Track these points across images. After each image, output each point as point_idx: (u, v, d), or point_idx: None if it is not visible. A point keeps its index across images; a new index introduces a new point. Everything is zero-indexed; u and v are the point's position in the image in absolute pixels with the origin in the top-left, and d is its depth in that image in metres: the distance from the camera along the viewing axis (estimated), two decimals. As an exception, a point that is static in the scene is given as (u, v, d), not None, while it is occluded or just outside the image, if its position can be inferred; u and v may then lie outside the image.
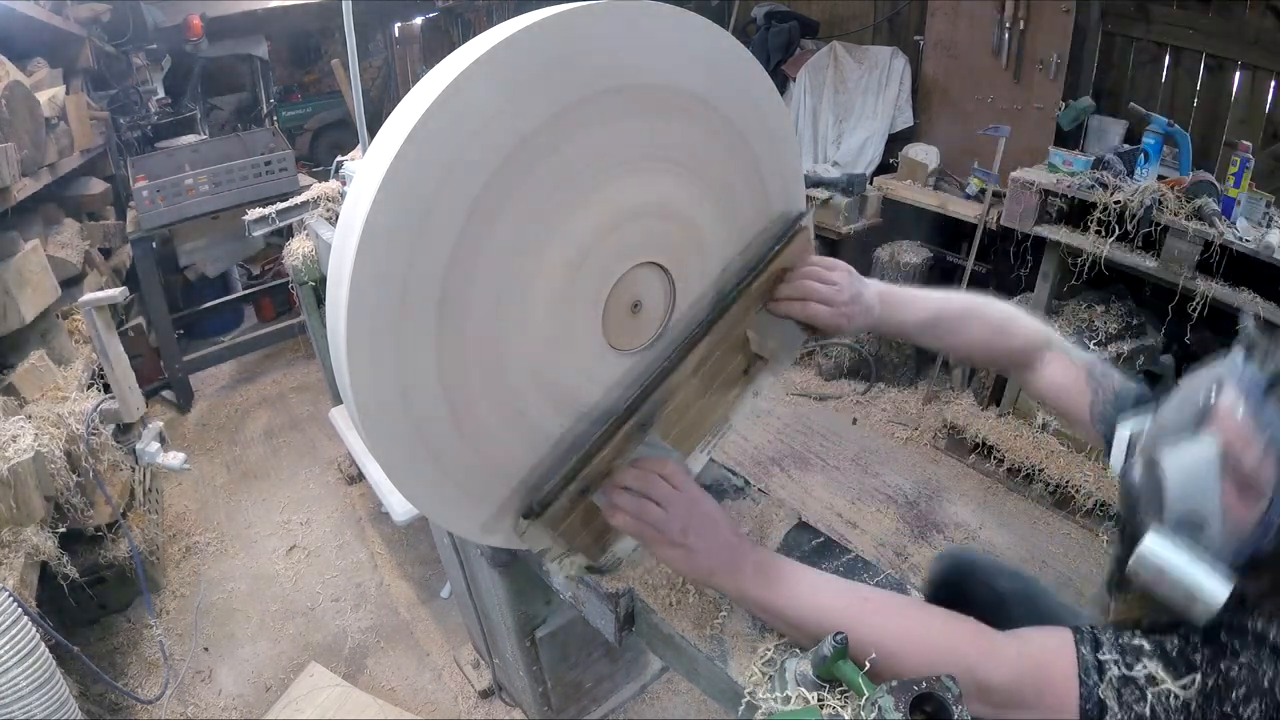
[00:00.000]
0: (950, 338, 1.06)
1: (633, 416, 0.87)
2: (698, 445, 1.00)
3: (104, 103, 3.63)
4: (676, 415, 0.94)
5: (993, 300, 1.07)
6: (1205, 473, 0.69)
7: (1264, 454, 0.66)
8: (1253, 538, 0.68)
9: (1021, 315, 1.06)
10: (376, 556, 2.52)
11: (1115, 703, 0.67)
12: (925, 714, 0.62)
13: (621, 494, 0.83)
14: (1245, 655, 0.66)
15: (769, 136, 0.94)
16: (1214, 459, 0.69)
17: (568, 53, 0.71)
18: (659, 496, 0.82)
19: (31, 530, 1.64)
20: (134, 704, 1.97)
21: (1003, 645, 0.73)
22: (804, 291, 0.97)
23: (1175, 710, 0.65)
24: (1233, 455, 0.68)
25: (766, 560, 0.83)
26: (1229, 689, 0.65)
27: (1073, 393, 1.01)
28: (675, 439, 0.94)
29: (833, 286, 0.97)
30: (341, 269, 0.66)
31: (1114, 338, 2.58)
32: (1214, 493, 0.69)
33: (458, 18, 5.75)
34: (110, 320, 2.04)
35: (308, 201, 2.23)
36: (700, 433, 1.00)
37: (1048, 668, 0.70)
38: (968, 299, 1.06)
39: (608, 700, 1.91)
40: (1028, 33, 2.85)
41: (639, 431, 0.89)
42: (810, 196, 3.16)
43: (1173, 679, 0.66)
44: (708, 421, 1.00)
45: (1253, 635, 0.67)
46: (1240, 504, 0.68)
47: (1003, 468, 2.67)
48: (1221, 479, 0.69)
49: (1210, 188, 2.19)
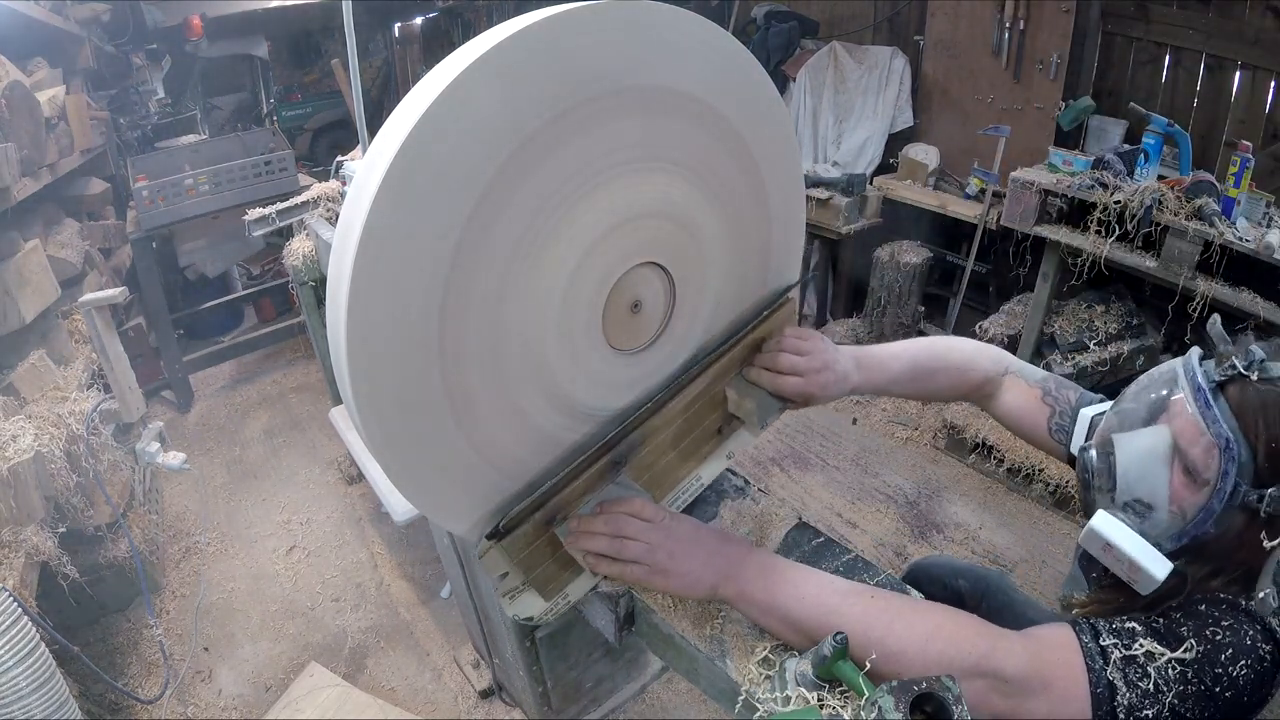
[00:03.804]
0: (923, 387, 1.11)
1: (607, 453, 0.85)
2: (666, 497, 1.00)
3: (104, 103, 3.63)
4: (649, 460, 0.94)
5: (953, 340, 1.13)
6: (1156, 460, 0.76)
7: (1208, 448, 0.72)
8: (1195, 522, 0.74)
9: (980, 349, 1.12)
10: (376, 556, 2.52)
11: (1123, 683, 0.70)
12: (925, 714, 0.62)
13: (595, 539, 0.83)
14: (1227, 620, 0.72)
15: (769, 138, 0.93)
16: (1165, 448, 0.76)
17: (568, 53, 0.70)
18: (633, 533, 0.82)
19: (31, 530, 1.64)
20: (134, 704, 1.97)
21: (1010, 637, 0.74)
22: (773, 363, 0.99)
23: (1175, 680, 0.69)
24: (1182, 446, 0.74)
25: (767, 561, 0.83)
26: (1218, 651, 0.70)
27: (1030, 413, 1.07)
28: (644, 486, 0.94)
29: (803, 357, 0.98)
30: (341, 269, 0.66)
31: (1114, 338, 2.58)
32: (1162, 479, 0.76)
33: (458, 18, 5.76)
34: (110, 320, 2.04)
35: (308, 201, 2.24)
36: (669, 483, 1.00)
37: (1055, 656, 0.72)
38: (931, 345, 1.11)
39: (608, 700, 1.91)
40: (1028, 33, 2.85)
41: (612, 469, 0.88)
42: (810, 196, 3.16)
43: (1170, 652, 0.70)
44: (678, 474, 1.00)
45: (1227, 603, 0.73)
46: (1186, 491, 0.74)
47: (1003, 468, 2.67)
48: (1170, 467, 0.76)
49: (1210, 188, 2.19)
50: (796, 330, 1.04)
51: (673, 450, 0.97)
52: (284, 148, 3.41)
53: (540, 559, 0.86)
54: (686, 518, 0.88)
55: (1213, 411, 0.72)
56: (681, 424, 0.96)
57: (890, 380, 1.07)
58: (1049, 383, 1.08)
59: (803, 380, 0.97)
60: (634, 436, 0.89)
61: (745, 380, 1.01)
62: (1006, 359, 1.12)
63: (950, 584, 1.29)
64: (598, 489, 0.87)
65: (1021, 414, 1.08)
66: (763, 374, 0.99)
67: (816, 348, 1.00)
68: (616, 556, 0.82)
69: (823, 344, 1.01)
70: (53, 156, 2.41)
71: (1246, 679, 0.69)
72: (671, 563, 0.81)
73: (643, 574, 0.82)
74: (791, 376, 0.97)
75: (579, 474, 0.83)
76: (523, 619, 0.89)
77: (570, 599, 0.91)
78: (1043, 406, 1.06)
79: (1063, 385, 1.07)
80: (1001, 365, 1.12)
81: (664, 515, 0.85)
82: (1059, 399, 1.05)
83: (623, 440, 0.87)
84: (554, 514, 0.84)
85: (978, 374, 1.11)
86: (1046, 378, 1.09)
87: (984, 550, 2.45)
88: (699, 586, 0.81)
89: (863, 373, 1.04)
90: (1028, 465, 2.58)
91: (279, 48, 5.84)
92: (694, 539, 0.84)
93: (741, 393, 1.00)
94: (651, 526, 0.83)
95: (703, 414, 0.99)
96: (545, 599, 0.89)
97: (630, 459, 0.90)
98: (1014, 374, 1.11)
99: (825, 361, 0.99)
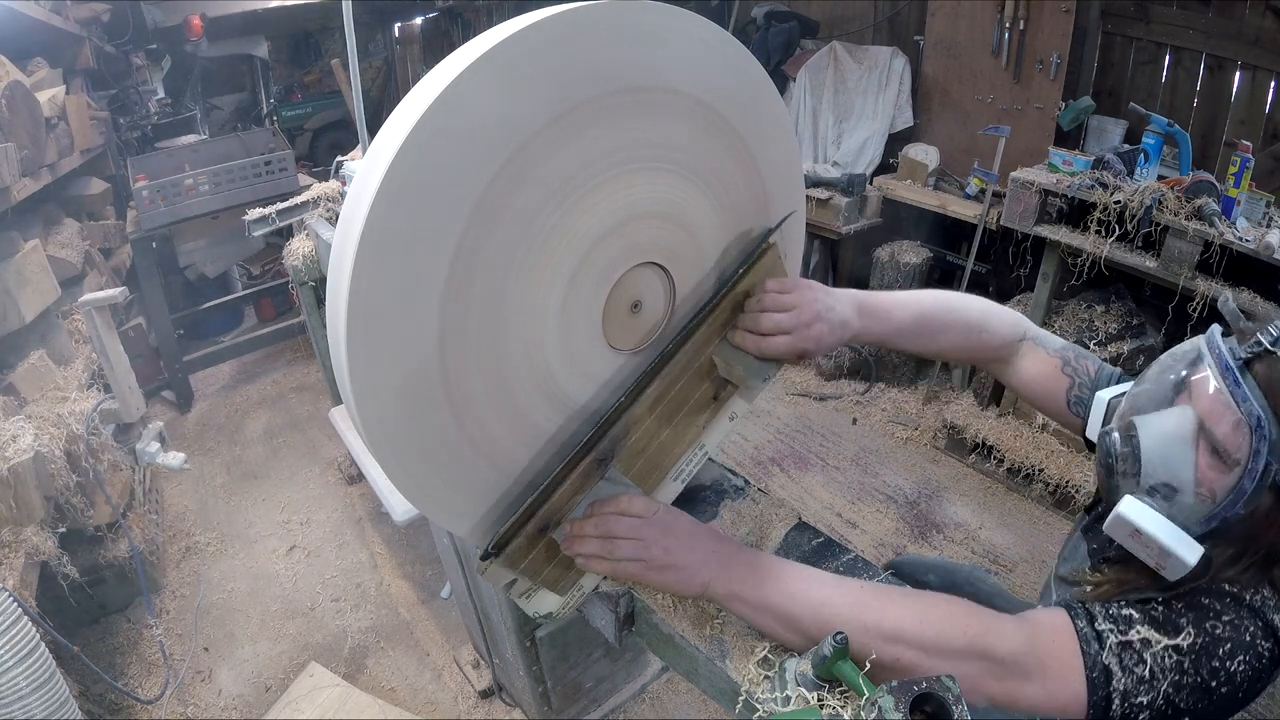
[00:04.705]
0: (931, 342, 1.02)
1: (590, 453, 0.83)
2: (669, 473, 0.96)
3: (104, 103, 3.63)
4: (640, 446, 0.90)
5: (968, 297, 1.05)
6: (1180, 441, 0.74)
7: (1236, 426, 0.70)
8: (1223, 505, 0.71)
9: (997, 310, 1.04)
10: (376, 556, 2.52)
11: (1118, 668, 0.69)
12: (925, 714, 0.62)
13: (588, 542, 0.81)
14: (1228, 615, 0.71)
15: (769, 138, 0.94)
16: (1189, 429, 0.73)
17: (568, 53, 0.70)
18: (624, 531, 0.80)
19: (31, 530, 1.64)
20: (134, 704, 1.97)
21: (1003, 619, 0.74)
22: (755, 324, 0.91)
23: (1171, 668, 0.69)
24: (1208, 426, 0.72)
25: (755, 559, 0.82)
26: (1216, 645, 0.69)
27: (1048, 384, 1.01)
28: (641, 470, 0.91)
29: (788, 313, 0.89)
30: (341, 269, 0.66)
31: (1114, 338, 2.58)
32: (1188, 461, 0.73)
33: (458, 18, 5.76)
34: (110, 320, 2.04)
35: (308, 201, 2.24)
36: (670, 460, 0.95)
37: (1049, 640, 0.72)
38: (943, 298, 1.03)
39: (608, 700, 1.91)
40: (1028, 33, 2.85)
41: (598, 467, 0.85)
42: (810, 196, 3.16)
43: (1167, 639, 0.70)
44: (677, 449, 0.95)
45: (1230, 597, 0.72)
46: (1213, 472, 0.72)
47: (1003, 468, 2.67)
48: (1195, 448, 0.73)
49: (1210, 188, 2.19)
50: (779, 281, 0.94)
51: (666, 429, 0.93)
52: (284, 148, 3.41)
53: (544, 564, 0.85)
54: (679, 511, 0.86)
55: (1242, 390, 0.69)
56: (670, 402, 0.92)
57: (895, 330, 0.98)
58: (1068, 352, 1.01)
59: (791, 339, 0.89)
60: (615, 430, 0.86)
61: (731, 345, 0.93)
62: (1025, 324, 1.05)
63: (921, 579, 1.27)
64: (587, 489, 0.85)
65: (1040, 385, 1.01)
66: (746, 337, 0.91)
67: (804, 299, 0.91)
68: (609, 557, 0.81)
69: (811, 293, 0.92)
70: (53, 156, 2.41)
71: (1244, 675, 0.68)
72: (667, 557, 0.80)
73: (639, 570, 0.81)
74: (778, 336, 0.90)
75: (564, 478, 0.82)
76: (541, 615, 0.89)
77: (585, 590, 0.91)
78: (1062, 378, 0.99)
79: (1081, 356, 1.01)
80: (1020, 330, 1.04)
81: (656, 508, 0.83)
82: (1079, 370, 0.99)
83: (604, 437, 0.85)
84: (547, 521, 0.82)
85: (993, 337, 1.03)
86: (1065, 346, 1.02)
87: (984, 550, 2.45)
88: (694, 581, 0.80)
89: (864, 319, 0.96)
90: (1028, 465, 2.58)
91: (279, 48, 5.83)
92: (689, 532, 0.83)
93: (729, 359, 0.93)
94: (643, 522, 0.81)
95: (692, 386, 0.93)
96: (560, 594, 0.89)
97: (617, 452, 0.87)
98: (1032, 340, 1.03)
99: (816, 313, 0.90)
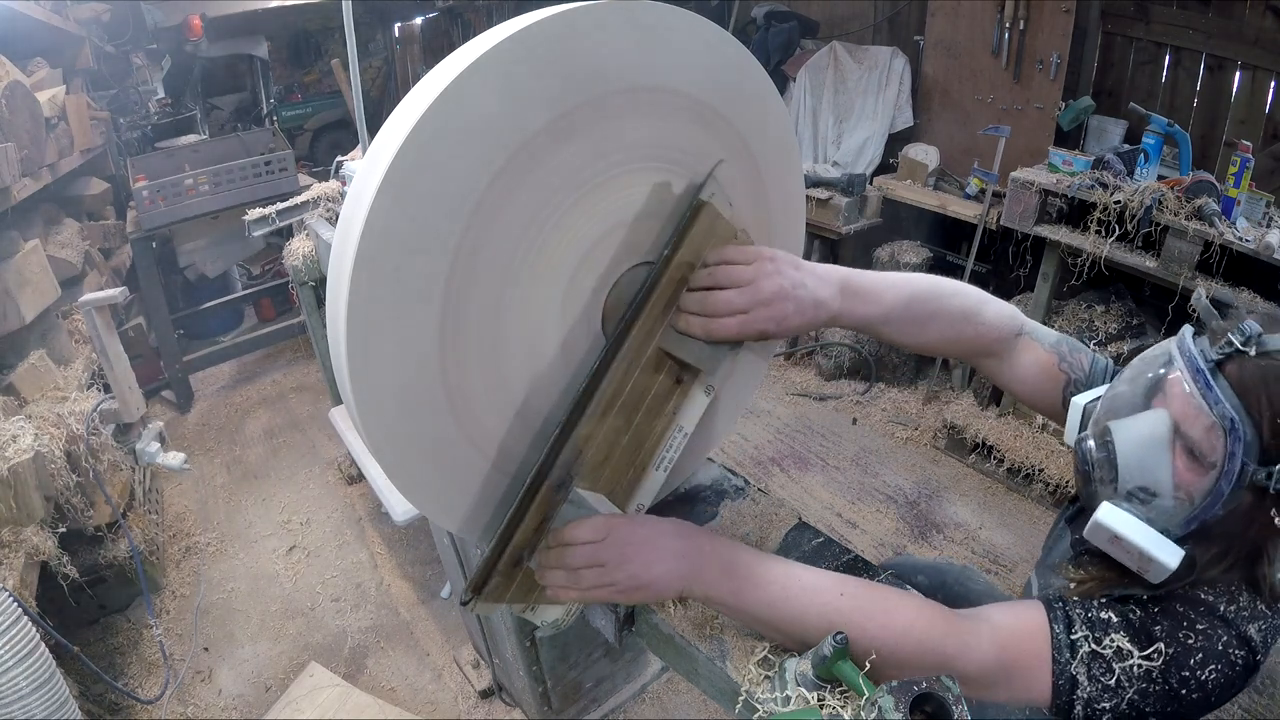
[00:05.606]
0: (920, 331, 0.91)
1: (544, 481, 0.78)
2: (649, 465, 0.90)
3: (104, 103, 3.63)
4: (601, 456, 0.84)
5: (960, 284, 0.95)
6: (1156, 445, 0.73)
7: (1210, 429, 0.69)
8: (1202, 507, 0.71)
9: (991, 302, 0.96)
10: (376, 556, 2.52)
11: (1085, 677, 0.70)
12: (925, 714, 0.62)
13: (555, 574, 0.79)
14: (1202, 624, 0.71)
15: (769, 138, 0.93)
16: (1165, 432, 0.73)
17: (568, 53, 0.70)
18: (583, 561, 0.77)
19: (31, 530, 1.64)
20: (134, 704, 1.97)
21: (976, 634, 0.74)
22: (701, 305, 0.79)
23: (1139, 679, 0.69)
24: (1183, 428, 0.71)
25: (729, 559, 0.79)
26: (1187, 655, 0.69)
27: (1045, 381, 0.96)
28: (610, 477, 0.86)
29: (741, 290, 0.78)
30: (341, 269, 0.66)
31: (1114, 338, 2.57)
32: (1165, 464, 0.72)
33: (458, 18, 5.75)
34: (110, 320, 2.04)
35: (308, 201, 2.24)
36: (646, 455, 0.89)
37: (1020, 649, 0.73)
38: (937, 283, 0.93)
39: (608, 700, 1.92)
40: (1028, 33, 2.85)
41: (557, 492, 0.80)
42: (810, 196, 3.16)
43: (1139, 651, 0.70)
44: (649, 443, 0.89)
45: (1205, 607, 0.72)
46: (1190, 475, 0.71)
47: (1003, 468, 2.67)
48: (1172, 451, 0.72)
49: (1210, 188, 2.19)
50: (731, 251, 0.81)
51: (629, 431, 0.86)
52: (284, 148, 3.41)
53: (532, 588, 0.84)
54: (642, 519, 0.82)
55: (1214, 392, 0.69)
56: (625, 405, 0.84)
57: (883, 315, 0.88)
58: (1063, 346, 0.96)
59: (745, 318, 0.78)
60: (565, 455, 0.79)
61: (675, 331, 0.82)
62: (1020, 317, 0.98)
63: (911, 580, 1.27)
64: (553, 516, 0.81)
65: (1037, 382, 0.96)
66: (691, 321, 0.80)
67: (762, 271, 0.78)
68: (575, 587, 0.78)
69: (773, 264, 0.79)
70: (53, 156, 2.41)
71: (1215, 683, 0.69)
72: (632, 580, 0.76)
73: (609, 595, 0.78)
74: (728, 319, 0.78)
75: (524, 511, 0.78)
76: (547, 625, 0.90)
77: None
78: (1059, 374, 0.95)
79: (1075, 349, 0.97)
80: (1016, 324, 0.96)
81: (607, 530, 0.77)
82: (1074, 365, 0.95)
83: (554, 464, 0.79)
84: (519, 554, 0.80)
85: (987, 329, 0.94)
86: (1060, 340, 0.97)
87: (984, 550, 2.45)
88: (667, 593, 0.79)
89: (848, 300, 0.84)
90: (1028, 465, 2.58)
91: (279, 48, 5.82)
92: (650, 542, 0.78)
93: (677, 347, 0.82)
94: (597, 548, 0.77)
95: (647, 380, 0.84)
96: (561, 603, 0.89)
97: (577, 472, 0.81)
98: (1028, 335, 0.97)
99: (779, 288, 0.78)
